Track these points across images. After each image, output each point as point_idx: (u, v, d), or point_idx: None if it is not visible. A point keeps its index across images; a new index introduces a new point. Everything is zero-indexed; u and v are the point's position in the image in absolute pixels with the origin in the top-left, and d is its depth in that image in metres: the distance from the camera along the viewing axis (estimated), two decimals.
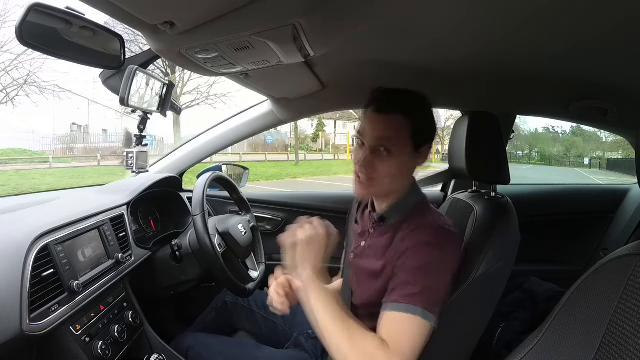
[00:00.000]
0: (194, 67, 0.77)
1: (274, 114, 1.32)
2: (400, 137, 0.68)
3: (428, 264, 0.64)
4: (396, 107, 0.69)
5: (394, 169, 0.69)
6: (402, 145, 0.69)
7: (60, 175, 9.16)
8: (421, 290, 0.62)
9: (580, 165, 21.23)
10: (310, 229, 0.67)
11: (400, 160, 0.69)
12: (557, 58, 0.79)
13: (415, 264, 0.64)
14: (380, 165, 0.69)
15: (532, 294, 1.21)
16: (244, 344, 0.99)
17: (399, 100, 0.70)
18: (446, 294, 0.67)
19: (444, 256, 0.65)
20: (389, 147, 0.68)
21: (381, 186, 0.71)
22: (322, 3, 0.56)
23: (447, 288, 0.67)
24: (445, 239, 0.67)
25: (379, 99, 0.71)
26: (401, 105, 0.69)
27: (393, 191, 0.74)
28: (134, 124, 1.23)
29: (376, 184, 0.70)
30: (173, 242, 1.04)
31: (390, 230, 0.73)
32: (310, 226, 0.68)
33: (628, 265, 0.50)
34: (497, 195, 0.90)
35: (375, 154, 0.69)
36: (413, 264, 0.64)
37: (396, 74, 0.99)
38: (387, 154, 0.68)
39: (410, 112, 0.69)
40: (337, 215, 1.49)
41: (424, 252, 0.64)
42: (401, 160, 0.69)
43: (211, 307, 1.19)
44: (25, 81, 11.49)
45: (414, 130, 0.69)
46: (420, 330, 0.61)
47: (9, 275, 0.63)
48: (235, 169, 1.61)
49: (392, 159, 0.68)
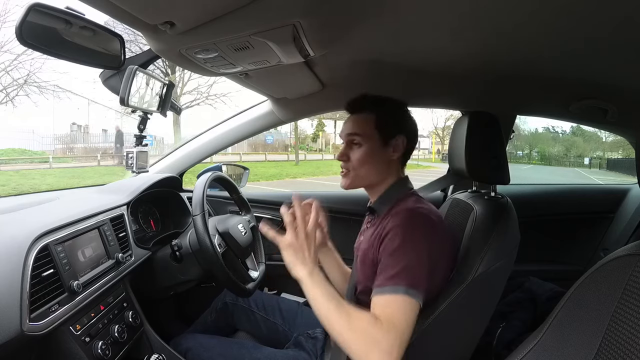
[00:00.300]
0: (194, 67, 0.77)
1: (274, 114, 1.32)
2: (365, 129, 0.81)
3: (403, 245, 0.69)
4: (362, 106, 0.83)
5: (365, 157, 0.80)
6: (368, 136, 0.80)
7: (60, 175, 9.16)
8: (400, 270, 0.67)
9: (580, 165, 21.22)
10: (299, 229, 0.70)
11: (368, 149, 0.80)
12: (557, 58, 0.79)
13: (391, 246, 0.70)
14: (353, 156, 0.81)
15: (532, 294, 1.21)
16: (244, 345, 0.99)
17: (364, 100, 0.83)
18: (431, 271, 0.69)
19: (416, 236, 0.70)
20: (357, 140, 0.81)
21: (357, 175, 0.82)
22: (322, 3, 0.56)
23: (426, 266, 0.68)
24: (415, 220, 0.72)
25: (350, 104, 0.85)
26: (366, 104, 0.82)
27: (373, 181, 0.83)
28: (133, 123, 1.24)
29: (353, 173, 0.82)
30: (173, 242, 1.04)
31: (379, 221, 0.80)
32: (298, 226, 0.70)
33: (628, 265, 0.50)
34: (497, 195, 0.90)
35: (349, 147, 0.82)
36: (390, 247, 0.70)
37: (396, 74, 0.99)
38: (357, 146, 0.81)
39: (374, 107, 0.82)
40: (337, 215, 1.50)
41: (398, 234, 0.70)
42: (370, 150, 0.80)
43: (211, 308, 1.19)
44: (25, 81, 11.51)
45: (378, 123, 0.80)
46: (405, 307, 0.65)
47: (9, 275, 0.63)
48: (235, 169, 1.61)
49: (361, 149, 0.80)
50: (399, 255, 0.68)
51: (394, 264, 0.67)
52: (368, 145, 0.80)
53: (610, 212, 1.60)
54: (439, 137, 22.58)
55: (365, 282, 0.78)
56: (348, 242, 1.00)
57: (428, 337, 0.72)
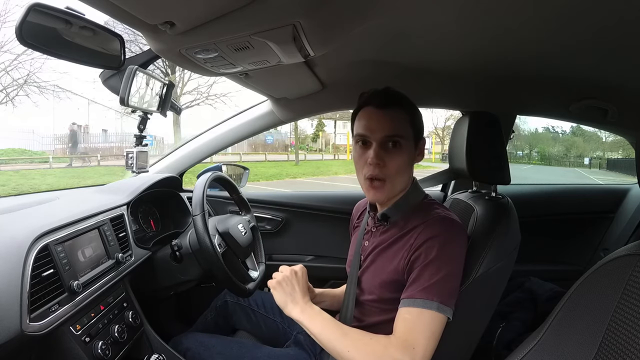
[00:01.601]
0: (194, 67, 0.77)
1: (274, 114, 1.32)
2: (405, 130, 0.70)
3: (440, 257, 0.66)
4: (396, 103, 0.71)
5: (403, 163, 0.71)
6: (407, 138, 0.71)
7: (60, 175, 9.16)
8: (435, 283, 0.64)
9: (580, 165, 21.23)
10: (285, 270, 0.74)
11: (407, 154, 0.71)
12: (557, 58, 0.79)
13: (428, 258, 0.66)
14: (390, 161, 0.70)
15: (532, 294, 1.21)
16: (243, 344, 0.99)
17: (396, 96, 0.72)
18: (460, 283, 0.69)
19: (453, 246, 0.67)
20: (398, 140, 0.69)
21: (393, 184, 0.72)
22: (322, 3, 0.56)
23: (460, 277, 0.68)
24: (453, 230, 0.69)
25: (378, 97, 0.72)
26: (400, 101, 0.72)
27: (400, 190, 0.76)
28: (133, 123, 1.24)
29: (388, 183, 0.71)
30: (173, 242, 1.04)
31: (395, 228, 0.76)
32: (284, 267, 0.75)
33: (628, 265, 0.50)
34: (497, 195, 0.90)
35: (385, 150, 0.70)
36: (426, 259, 0.66)
37: (396, 74, 0.99)
38: (396, 147, 0.70)
39: (408, 106, 0.73)
40: (337, 215, 1.50)
41: (436, 245, 0.66)
42: (407, 154, 0.72)
43: (212, 307, 1.19)
44: (25, 81, 11.50)
45: (413, 125, 0.72)
46: (435, 324, 0.63)
47: (9, 275, 0.63)
48: (235, 169, 1.61)
49: (401, 153, 0.70)
50: (435, 268, 0.65)
51: (429, 276, 0.65)
52: (407, 149, 0.71)
53: (610, 212, 1.60)
54: (439, 137, 22.58)
55: (376, 291, 0.76)
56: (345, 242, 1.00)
57: None
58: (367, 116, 0.72)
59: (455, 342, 0.77)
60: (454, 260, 0.67)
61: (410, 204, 0.76)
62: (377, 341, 0.64)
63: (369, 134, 0.71)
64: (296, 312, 0.71)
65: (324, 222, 1.53)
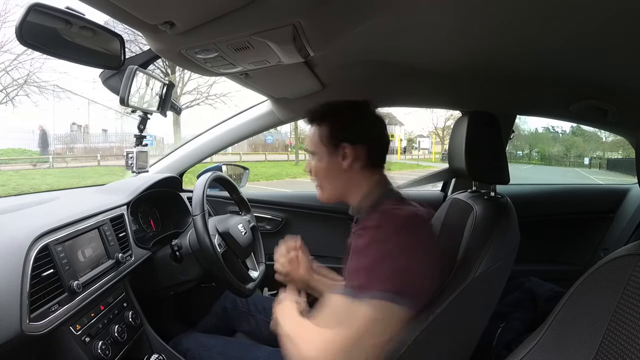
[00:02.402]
0: (194, 67, 0.77)
1: (274, 114, 1.32)
2: (315, 145, 0.80)
3: (365, 245, 0.65)
4: (311, 120, 0.82)
5: (322, 170, 0.80)
6: (319, 151, 0.79)
7: (60, 175, 9.15)
8: (358, 271, 0.63)
9: (580, 165, 21.22)
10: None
11: (325, 162, 0.79)
12: (557, 58, 0.79)
13: (356, 247, 0.67)
14: (314, 169, 0.81)
15: (532, 294, 1.21)
16: (243, 344, 0.99)
17: (312, 113, 0.82)
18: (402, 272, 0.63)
19: (380, 235, 0.65)
20: (310, 151, 0.81)
21: (325, 187, 0.81)
22: (322, 3, 0.56)
23: (396, 266, 0.63)
24: (384, 220, 0.67)
25: (305, 118, 0.84)
26: (312, 117, 0.81)
27: (342, 193, 0.80)
28: (133, 123, 1.24)
29: (321, 186, 0.81)
30: (173, 242, 1.04)
31: (359, 228, 0.75)
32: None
33: (628, 265, 0.50)
34: (496, 195, 0.90)
35: (312, 159, 0.82)
36: (355, 248, 0.67)
37: (396, 74, 0.99)
38: (315, 157, 0.80)
39: (318, 120, 0.80)
40: (337, 215, 1.50)
41: (364, 235, 0.67)
42: (326, 162, 0.79)
43: (211, 313, 1.19)
44: (25, 81, 11.49)
45: (320, 135, 0.79)
46: (355, 311, 0.60)
47: (9, 275, 0.63)
48: (235, 169, 1.61)
49: (319, 161, 0.80)
50: (361, 256, 0.65)
51: (355, 266, 0.64)
52: (325, 158, 0.79)
53: (610, 212, 1.59)
54: (439, 137, 22.58)
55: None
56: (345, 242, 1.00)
57: (428, 337, 0.72)
58: None
59: (455, 342, 0.77)
60: (384, 249, 0.64)
61: (370, 203, 0.76)
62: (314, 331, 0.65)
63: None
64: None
65: (324, 222, 1.53)
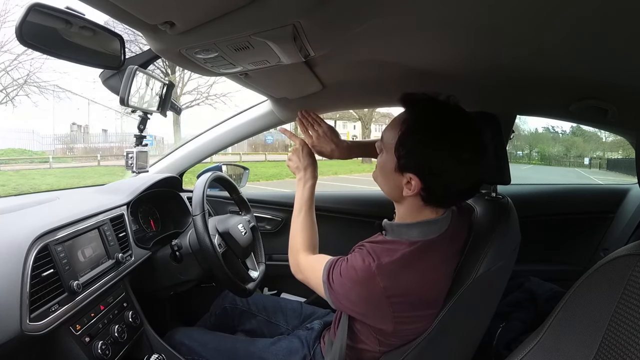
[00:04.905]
0: (194, 67, 0.77)
1: (274, 114, 1.32)
2: (388, 139, 0.77)
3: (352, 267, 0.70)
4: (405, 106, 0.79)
5: (380, 167, 0.81)
6: (389, 150, 0.76)
7: (60, 175, 9.15)
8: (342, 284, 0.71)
9: (580, 165, 21.20)
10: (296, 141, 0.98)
11: (384, 164, 0.78)
12: (557, 58, 0.79)
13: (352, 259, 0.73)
14: (377, 162, 0.82)
15: (532, 294, 1.21)
16: (238, 339, 0.99)
17: (412, 104, 0.78)
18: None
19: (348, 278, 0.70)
20: (381, 144, 0.80)
21: (380, 184, 0.82)
22: (322, 3, 0.56)
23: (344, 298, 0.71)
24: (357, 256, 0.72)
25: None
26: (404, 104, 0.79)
27: (392, 198, 0.81)
28: (133, 123, 1.24)
29: (376, 178, 0.84)
30: (173, 242, 1.04)
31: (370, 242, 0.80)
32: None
33: (628, 265, 0.50)
34: (497, 195, 0.90)
35: (380, 146, 0.81)
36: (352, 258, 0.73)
37: (396, 75, 0.99)
38: (381, 146, 0.80)
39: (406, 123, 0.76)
40: (337, 215, 1.50)
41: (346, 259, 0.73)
42: (386, 166, 0.78)
43: (211, 313, 1.19)
44: (25, 81, 11.51)
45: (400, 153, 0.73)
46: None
47: (9, 275, 0.63)
48: (235, 169, 1.61)
49: (380, 157, 0.80)
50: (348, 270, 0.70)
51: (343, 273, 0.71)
52: (382, 159, 0.76)
53: (610, 212, 1.59)
54: None
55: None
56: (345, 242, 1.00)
57: (430, 338, 0.72)
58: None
59: (456, 342, 0.77)
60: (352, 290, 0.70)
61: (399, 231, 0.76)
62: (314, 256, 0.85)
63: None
64: (297, 178, 0.98)
65: (324, 222, 1.52)
